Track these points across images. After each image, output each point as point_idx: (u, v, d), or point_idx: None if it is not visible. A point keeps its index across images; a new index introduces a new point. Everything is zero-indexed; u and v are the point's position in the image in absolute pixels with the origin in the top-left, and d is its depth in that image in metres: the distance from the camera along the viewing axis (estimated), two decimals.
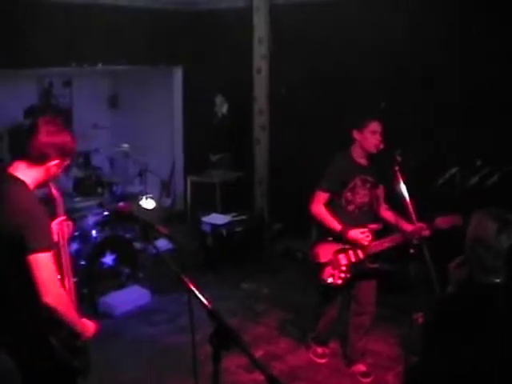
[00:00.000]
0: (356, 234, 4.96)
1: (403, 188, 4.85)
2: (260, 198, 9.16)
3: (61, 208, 3.70)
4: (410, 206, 4.83)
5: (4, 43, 7.47)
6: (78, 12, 8.20)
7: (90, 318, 3.55)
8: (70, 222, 3.72)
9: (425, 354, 3.05)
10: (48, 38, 7.92)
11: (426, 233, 4.93)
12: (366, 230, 4.99)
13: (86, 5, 8.24)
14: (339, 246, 5.05)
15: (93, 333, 3.45)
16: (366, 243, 4.98)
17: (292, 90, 8.59)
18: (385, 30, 7.39)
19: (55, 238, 3.54)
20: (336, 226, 5.00)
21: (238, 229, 8.08)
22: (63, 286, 3.40)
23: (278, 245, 8.54)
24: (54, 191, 3.70)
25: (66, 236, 3.65)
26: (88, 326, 3.42)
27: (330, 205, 5.12)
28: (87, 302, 6.72)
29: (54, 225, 3.57)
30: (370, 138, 4.95)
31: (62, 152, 3.33)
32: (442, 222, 4.97)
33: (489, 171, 6.63)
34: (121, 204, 7.30)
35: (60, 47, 8.10)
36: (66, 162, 3.42)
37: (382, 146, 4.95)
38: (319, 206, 5.08)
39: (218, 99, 9.58)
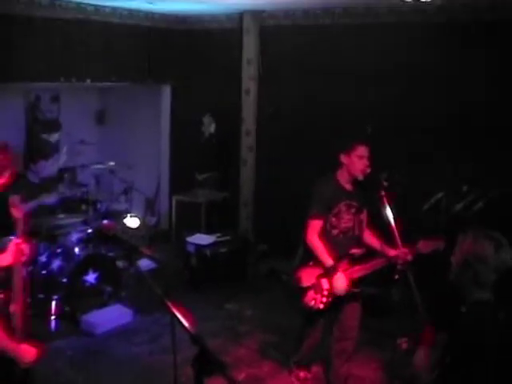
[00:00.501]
0: (340, 281, 4.94)
1: (389, 212, 4.86)
2: (245, 220, 9.14)
3: (21, 229, 3.68)
4: (396, 231, 4.84)
5: None
6: (68, 27, 8.20)
7: (38, 341, 3.49)
8: (30, 245, 3.68)
9: None
10: (37, 53, 7.91)
11: (409, 257, 4.93)
12: (348, 283, 4.97)
13: (76, 20, 8.23)
14: (321, 271, 5.03)
15: (34, 358, 3.31)
16: (338, 293, 4.97)
17: (280, 111, 8.61)
18: (372, 54, 7.46)
19: (9, 259, 3.51)
20: (327, 261, 4.97)
21: (222, 249, 8.04)
22: (8, 310, 3.29)
23: (262, 266, 8.51)
24: (16, 211, 3.76)
25: (23, 258, 3.58)
26: (26, 352, 3.28)
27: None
28: (69, 320, 6.68)
29: (11, 245, 3.57)
30: (356, 162, 4.95)
31: None
32: (424, 245, 4.98)
33: (474, 197, 6.65)
34: (105, 223, 7.25)
35: (49, 62, 8.08)
36: None
37: (368, 171, 4.95)
38: (314, 236, 5.05)
39: (206, 119, 9.58)
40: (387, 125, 7.34)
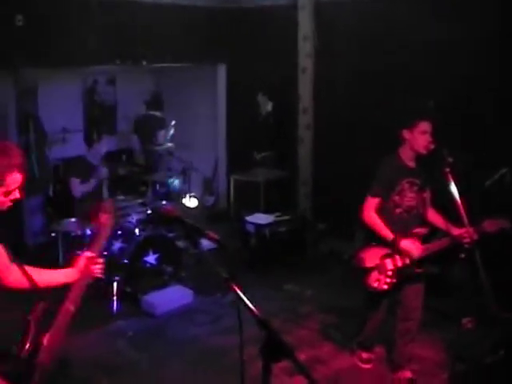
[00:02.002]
0: (408, 244, 4.84)
1: (454, 189, 4.72)
2: (304, 198, 9.05)
3: (100, 240, 3.40)
4: (461, 208, 4.70)
5: (48, 42, 7.51)
6: (123, 9, 8.22)
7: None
8: (99, 262, 3.33)
9: None
10: (92, 36, 7.94)
11: (475, 236, 4.79)
12: (417, 241, 4.85)
13: (130, 2, 8.25)
14: (385, 251, 4.93)
15: None
16: (416, 255, 4.85)
17: (337, 89, 8.47)
18: (434, 28, 7.22)
19: (75, 275, 3.23)
20: (388, 234, 4.87)
21: (281, 229, 7.99)
22: (39, 341, 2.94)
23: (322, 246, 8.43)
24: (103, 215, 3.44)
25: (91, 276, 3.30)
26: None
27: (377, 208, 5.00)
28: (130, 301, 6.74)
29: (82, 259, 3.29)
30: (419, 138, 4.82)
31: None
32: (489, 225, 4.85)
33: None
34: (166, 206, 7.26)
35: (104, 45, 8.11)
36: (3, 189, 2.94)
37: (431, 147, 4.82)
38: (371, 213, 4.95)
39: (260, 98, 9.51)
40: (450, 99, 7.13)
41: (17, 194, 2.99)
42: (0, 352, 2.82)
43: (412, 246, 4.85)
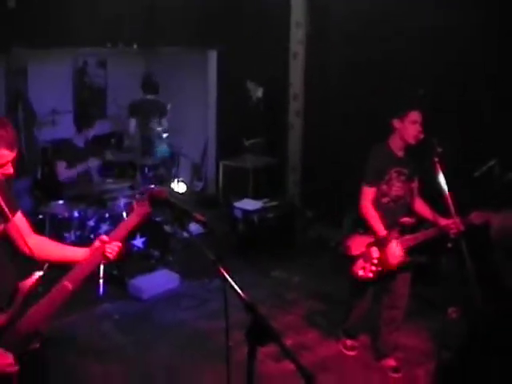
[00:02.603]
0: (393, 249, 4.86)
1: (442, 180, 4.74)
2: (293, 185, 9.06)
3: (123, 228, 3.29)
4: (449, 199, 4.72)
5: (39, 23, 7.47)
6: None
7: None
8: (116, 248, 3.23)
9: None
10: (83, 18, 7.89)
11: (461, 227, 4.81)
12: (403, 253, 4.89)
13: None
14: (371, 239, 4.95)
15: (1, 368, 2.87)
16: (392, 264, 4.88)
17: (329, 75, 8.45)
18: (430, 15, 7.19)
19: (85, 255, 3.19)
20: (381, 230, 4.90)
21: (269, 215, 7.98)
22: (23, 309, 2.95)
23: (310, 233, 8.44)
24: (135, 206, 3.33)
25: (103, 260, 3.22)
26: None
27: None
28: (116, 284, 6.74)
29: (96, 242, 3.21)
30: (409, 127, 4.83)
31: None
32: (476, 217, 4.86)
33: None
34: (155, 188, 7.24)
35: (95, 27, 8.06)
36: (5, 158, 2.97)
37: (421, 137, 4.83)
38: (368, 204, 4.97)
39: (250, 84, 9.49)
40: (439, 89, 7.13)
41: (10, 170, 3.00)
42: None
43: (396, 254, 4.87)
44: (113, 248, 3.20)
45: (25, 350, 2.96)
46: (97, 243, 3.20)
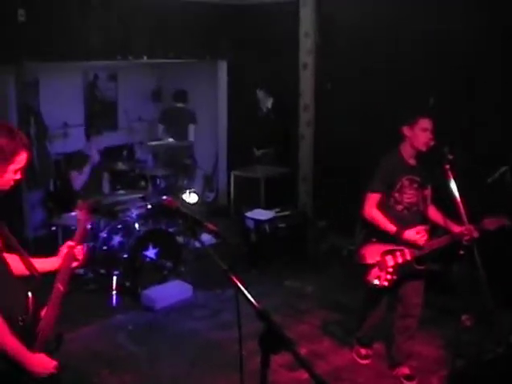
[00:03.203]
0: (411, 234, 4.84)
1: (454, 187, 4.73)
2: (304, 195, 9.06)
3: (79, 232, 3.58)
4: (461, 206, 4.70)
5: (50, 36, 7.53)
6: (125, 4, 8.23)
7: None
8: (82, 249, 3.51)
9: None
10: (94, 31, 7.96)
11: (475, 234, 4.80)
12: (421, 229, 4.87)
13: None
14: (386, 247, 4.94)
15: (47, 371, 3.02)
16: (421, 243, 4.85)
17: (339, 85, 8.47)
18: (439, 26, 7.20)
19: (58, 263, 3.39)
20: (391, 227, 4.88)
21: (281, 225, 7.98)
22: (37, 315, 3.10)
23: (322, 242, 8.43)
24: (79, 212, 3.69)
25: (74, 263, 3.43)
26: (40, 362, 3.00)
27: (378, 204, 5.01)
28: (129, 295, 6.76)
29: (64, 247, 3.45)
30: (420, 135, 4.83)
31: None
32: (489, 223, 4.86)
33: None
34: (167, 198, 7.27)
35: (105, 40, 8.13)
36: (13, 166, 3.03)
37: (432, 144, 4.83)
38: (372, 209, 4.96)
39: (260, 94, 9.53)
40: (448, 96, 7.13)
41: (19, 175, 3.11)
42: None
43: (416, 236, 4.84)
44: (79, 251, 3.47)
45: (50, 351, 3.12)
46: (64, 249, 3.43)
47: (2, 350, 2.87)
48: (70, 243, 3.47)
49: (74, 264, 3.45)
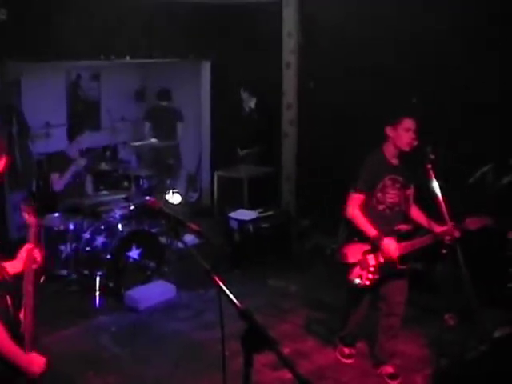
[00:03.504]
0: (389, 244, 4.86)
1: (436, 186, 4.75)
2: (288, 194, 9.06)
3: (33, 234, 3.60)
4: (443, 205, 4.73)
5: (32, 35, 7.48)
6: (108, 4, 8.19)
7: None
8: (38, 251, 3.56)
9: None
10: (76, 31, 7.92)
11: (456, 234, 4.83)
12: (396, 241, 4.89)
13: None
14: (368, 247, 4.96)
15: (40, 369, 3.12)
16: (394, 256, 4.88)
17: (322, 84, 8.48)
18: (420, 25, 7.23)
19: (20, 266, 3.44)
20: (371, 231, 4.90)
21: (264, 225, 7.99)
22: (17, 317, 3.16)
23: (306, 241, 8.44)
24: (27, 216, 3.66)
25: (34, 265, 3.49)
26: (34, 362, 3.10)
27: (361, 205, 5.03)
28: (112, 296, 6.74)
29: (22, 251, 3.49)
30: (403, 135, 4.84)
31: None
32: (471, 222, 4.89)
33: None
34: (150, 199, 7.25)
35: (88, 40, 8.09)
36: None
37: (415, 144, 4.85)
38: (355, 210, 4.97)
39: (244, 94, 9.53)
40: (432, 96, 7.16)
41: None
42: None
43: (392, 247, 4.87)
44: (37, 253, 3.52)
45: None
46: (23, 252, 3.48)
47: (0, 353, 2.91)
48: (28, 246, 3.52)
49: (34, 266, 3.50)
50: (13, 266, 3.47)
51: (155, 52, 9.01)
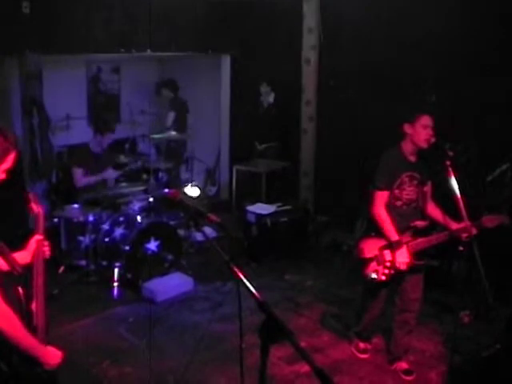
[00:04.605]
0: (402, 255, 4.88)
1: (454, 184, 4.74)
2: (305, 189, 9.09)
3: (41, 225, 3.67)
4: (461, 203, 4.73)
5: (54, 28, 7.55)
6: None
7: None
8: (46, 242, 3.62)
9: None
10: (97, 24, 7.98)
11: (473, 231, 4.83)
12: (410, 259, 4.91)
13: None
14: (384, 242, 4.98)
15: (58, 362, 3.15)
16: (400, 268, 4.90)
17: (341, 81, 8.48)
18: (443, 23, 7.21)
19: (29, 257, 3.49)
20: (392, 235, 4.91)
21: (282, 219, 8.00)
22: (29, 309, 3.19)
23: (323, 237, 8.46)
24: (34, 206, 3.73)
25: (43, 255, 3.54)
26: (51, 354, 3.12)
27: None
28: (130, 287, 6.79)
29: (31, 242, 3.54)
30: (421, 132, 4.85)
31: None
32: (488, 220, 4.89)
33: None
34: (170, 191, 7.30)
35: (109, 33, 8.15)
36: (3, 166, 3.06)
37: (433, 141, 4.85)
38: (381, 209, 4.98)
39: (263, 88, 9.55)
40: (452, 94, 7.15)
41: (5, 175, 3.15)
42: None
43: (403, 260, 4.88)
44: (46, 244, 3.61)
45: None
46: (33, 243, 3.56)
47: (16, 344, 2.93)
48: (38, 237, 3.58)
49: (44, 256, 3.55)
50: (22, 257, 3.52)
51: (175, 46, 9.03)
